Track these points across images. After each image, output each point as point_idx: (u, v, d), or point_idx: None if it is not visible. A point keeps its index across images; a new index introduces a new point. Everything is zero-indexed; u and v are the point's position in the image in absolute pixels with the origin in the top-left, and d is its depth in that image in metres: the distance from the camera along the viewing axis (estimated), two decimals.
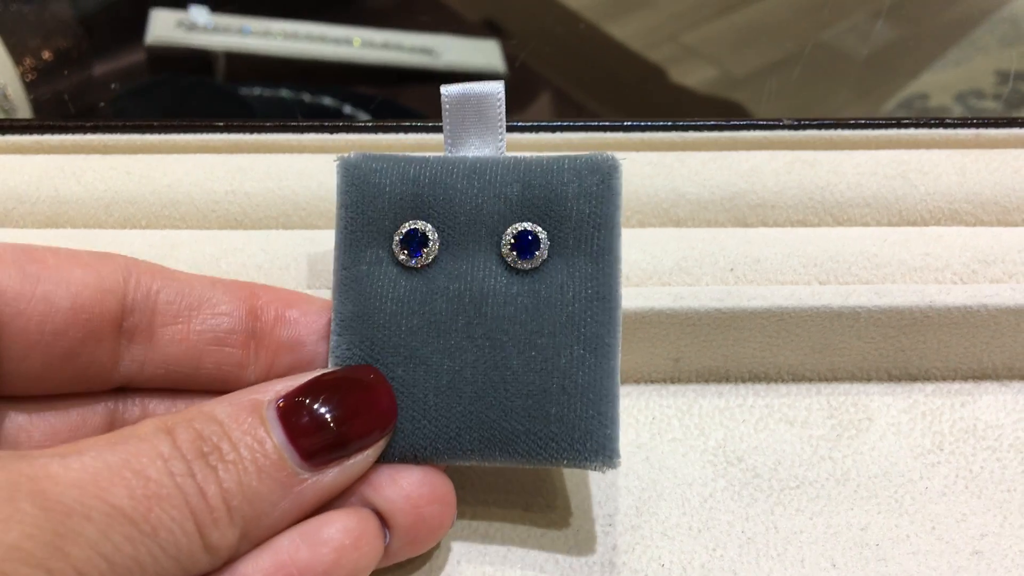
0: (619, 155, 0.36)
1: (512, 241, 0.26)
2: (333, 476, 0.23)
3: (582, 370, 0.25)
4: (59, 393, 0.25)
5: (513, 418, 0.25)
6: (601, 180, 0.26)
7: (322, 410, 0.23)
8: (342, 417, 0.24)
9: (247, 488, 0.22)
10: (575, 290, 0.26)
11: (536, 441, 0.25)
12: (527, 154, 0.27)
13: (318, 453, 0.23)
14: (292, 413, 0.23)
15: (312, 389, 0.24)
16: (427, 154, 0.27)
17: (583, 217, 0.26)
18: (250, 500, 0.22)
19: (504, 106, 0.27)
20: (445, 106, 0.27)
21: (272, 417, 0.23)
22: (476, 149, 0.28)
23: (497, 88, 0.27)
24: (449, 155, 0.28)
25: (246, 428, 0.22)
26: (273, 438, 0.23)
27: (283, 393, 0.23)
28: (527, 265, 0.26)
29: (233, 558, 0.22)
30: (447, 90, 0.27)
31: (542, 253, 0.26)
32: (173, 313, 0.25)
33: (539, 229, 0.26)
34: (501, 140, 0.28)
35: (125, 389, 0.26)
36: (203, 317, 0.26)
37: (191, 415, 0.23)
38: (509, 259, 0.26)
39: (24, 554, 0.18)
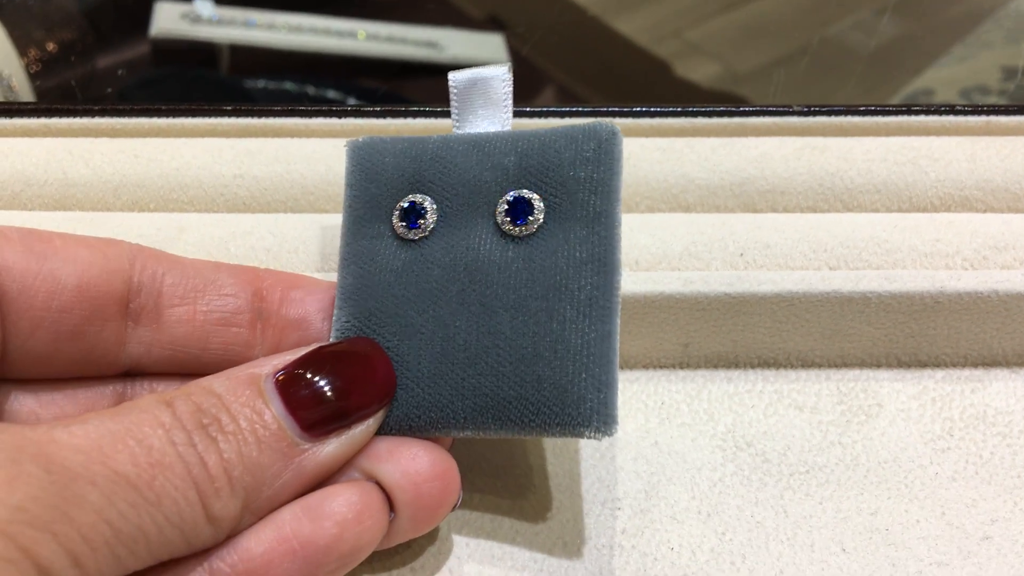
0: (629, 140, 0.36)
1: (506, 207, 0.26)
2: (334, 447, 0.23)
3: (575, 333, 0.25)
4: (66, 376, 0.25)
5: (505, 383, 0.25)
6: (598, 146, 0.26)
7: (320, 381, 0.23)
8: (340, 388, 0.24)
9: (247, 459, 0.22)
10: (568, 253, 0.25)
11: (528, 407, 0.24)
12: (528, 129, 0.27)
13: (317, 423, 0.23)
14: (290, 385, 0.23)
15: (310, 361, 0.24)
16: (433, 135, 0.28)
17: (578, 182, 0.26)
18: (251, 471, 0.22)
19: (511, 87, 0.28)
20: (453, 92, 0.28)
21: (270, 389, 0.23)
22: (483, 129, 0.28)
23: (503, 71, 0.28)
24: (453, 134, 0.28)
25: (244, 400, 0.22)
26: (272, 409, 0.23)
27: (281, 366, 0.23)
28: (522, 231, 0.26)
29: (236, 531, 0.22)
30: (455, 76, 0.28)
31: (536, 218, 0.26)
32: (179, 295, 0.26)
33: (534, 195, 0.26)
34: (507, 120, 0.28)
35: (133, 374, 0.26)
36: (209, 298, 0.26)
37: (189, 389, 0.23)
38: (504, 226, 0.26)
39: (30, 516, 0.18)
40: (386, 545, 0.25)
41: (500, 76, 0.28)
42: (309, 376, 0.23)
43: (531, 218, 0.26)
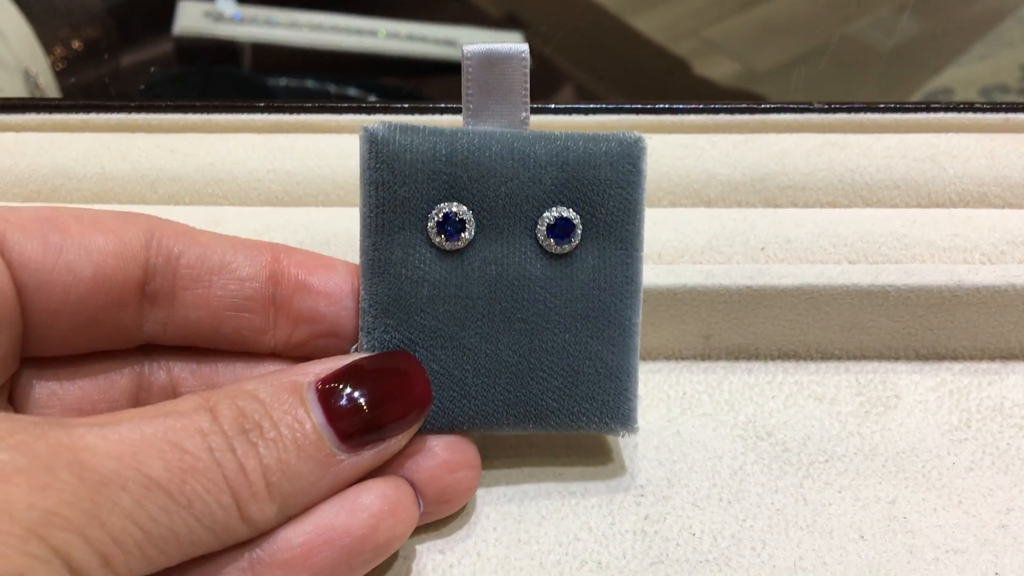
0: (651, 137, 0.37)
1: (548, 227, 0.26)
2: (367, 459, 0.24)
3: (612, 352, 0.27)
4: (84, 352, 0.26)
5: (548, 396, 0.27)
6: (632, 165, 0.27)
7: (359, 394, 0.24)
8: (379, 401, 0.24)
9: (286, 465, 0.23)
10: (608, 275, 0.27)
11: (568, 416, 0.27)
12: (555, 131, 0.27)
13: (355, 435, 0.24)
14: (331, 395, 0.24)
15: (350, 373, 0.24)
16: (454, 128, 0.26)
17: (616, 203, 0.27)
18: (289, 478, 0.23)
19: (528, 71, 0.26)
20: (467, 67, 0.26)
21: (312, 399, 0.23)
22: (499, 117, 0.27)
23: (522, 50, 0.26)
24: (476, 128, 0.27)
25: (287, 408, 0.23)
26: (313, 418, 0.23)
27: (322, 376, 0.24)
28: (562, 249, 0.27)
29: (270, 530, 0.23)
30: (469, 49, 0.26)
31: (576, 237, 0.27)
32: (194, 277, 0.26)
33: (573, 214, 0.26)
34: (525, 109, 0.27)
35: (150, 348, 0.27)
36: (224, 282, 0.26)
37: (233, 392, 0.23)
38: (545, 244, 0.26)
39: (62, 520, 0.19)
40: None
41: (519, 55, 0.26)
42: (349, 388, 0.24)
43: (572, 237, 0.26)
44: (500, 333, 0.26)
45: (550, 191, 0.26)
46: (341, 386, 0.24)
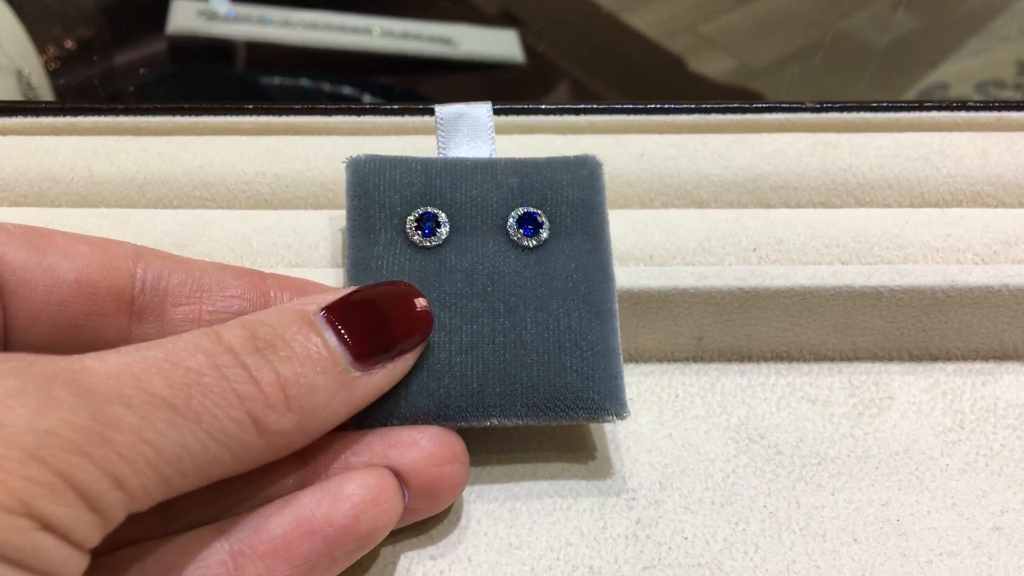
0: (642, 137, 0.37)
1: (517, 222, 0.29)
2: (379, 377, 0.25)
3: (590, 329, 0.28)
4: None
5: (532, 370, 0.27)
6: (590, 173, 0.30)
7: (365, 316, 0.25)
8: (384, 321, 0.25)
9: (305, 379, 0.23)
10: (577, 262, 0.29)
11: (554, 390, 0.27)
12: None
13: (367, 354, 0.24)
14: (338, 319, 0.24)
15: (353, 298, 0.25)
16: (436, 156, 0.30)
17: (577, 202, 0.29)
18: (308, 392, 0.23)
19: (492, 123, 0.31)
20: (439, 123, 0.31)
21: (322, 321, 0.24)
22: (466, 155, 0.31)
23: (487, 107, 0.31)
24: (455, 156, 0.30)
25: (297, 330, 0.23)
26: (326, 338, 0.24)
27: (325, 303, 0.24)
28: (532, 243, 0.29)
29: (287, 450, 0.23)
30: (441, 110, 0.31)
31: (544, 232, 0.29)
32: (185, 294, 0.26)
33: (539, 212, 0.29)
34: (492, 150, 0.31)
35: None
36: (215, 298, 0.26)
37: (240, 320, 0.23)
38: (515, 237, 0.29)
39: (62, 440, 0.18)
40: (403, 523, 0.26)
41: (485, 111, 0.31)
42: (354, 312, 0.24)
43: (540, 231, 0.29)
44: (480, 315, 0.27)
45: (516, 195, 0.29)
46: (347, 310, 0.24)
